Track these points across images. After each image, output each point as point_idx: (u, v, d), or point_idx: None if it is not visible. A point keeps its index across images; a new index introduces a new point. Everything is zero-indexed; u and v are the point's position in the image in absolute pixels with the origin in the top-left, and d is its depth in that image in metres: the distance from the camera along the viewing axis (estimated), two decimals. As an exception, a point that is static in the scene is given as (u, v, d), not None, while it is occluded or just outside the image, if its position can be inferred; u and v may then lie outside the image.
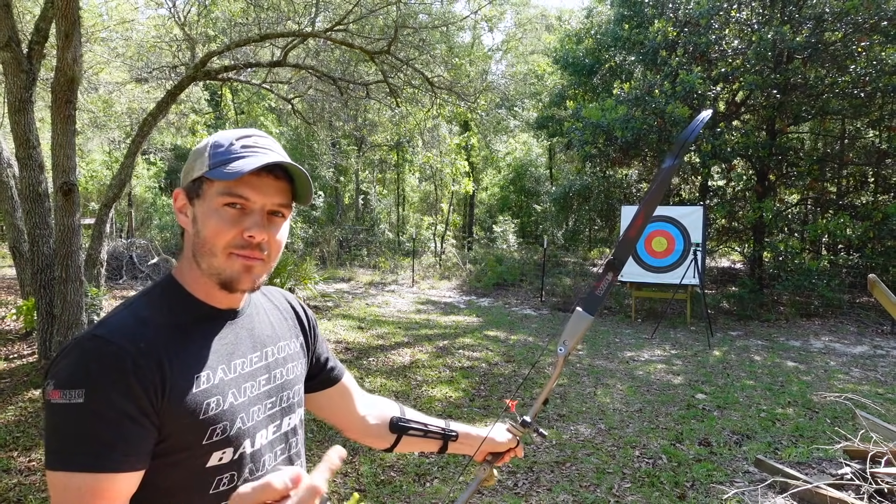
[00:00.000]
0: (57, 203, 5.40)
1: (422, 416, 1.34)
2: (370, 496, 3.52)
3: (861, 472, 3.26)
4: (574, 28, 15.53)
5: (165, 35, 9.97)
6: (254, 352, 1.01)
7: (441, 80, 9.34)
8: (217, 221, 0.92)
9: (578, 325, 1.27)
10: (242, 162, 0.91)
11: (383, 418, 1.30)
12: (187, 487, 0.89)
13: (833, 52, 9.32)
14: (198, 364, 0.91)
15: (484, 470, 1.35)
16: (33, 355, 6.13)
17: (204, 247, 0.93)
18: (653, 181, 1.30)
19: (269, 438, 1.00)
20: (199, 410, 0.88)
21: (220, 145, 0.94)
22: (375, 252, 16.81)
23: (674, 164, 1.29)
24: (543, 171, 20.74)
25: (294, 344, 1.12)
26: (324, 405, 1.24)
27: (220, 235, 0.92)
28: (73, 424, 0.80)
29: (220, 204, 0.92)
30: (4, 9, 5.37)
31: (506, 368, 6.45)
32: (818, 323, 9.18)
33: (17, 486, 3.55)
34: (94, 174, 17.64)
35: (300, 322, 1.16)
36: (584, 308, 1.28)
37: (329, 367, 1.22)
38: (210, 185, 0.92)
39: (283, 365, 1.06)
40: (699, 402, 5.41)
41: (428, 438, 1.32)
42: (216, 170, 0.91)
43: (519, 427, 1.35)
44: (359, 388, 1.31)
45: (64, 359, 0.83)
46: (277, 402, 1.03)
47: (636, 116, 9.84)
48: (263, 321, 1.06)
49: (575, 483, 3.73)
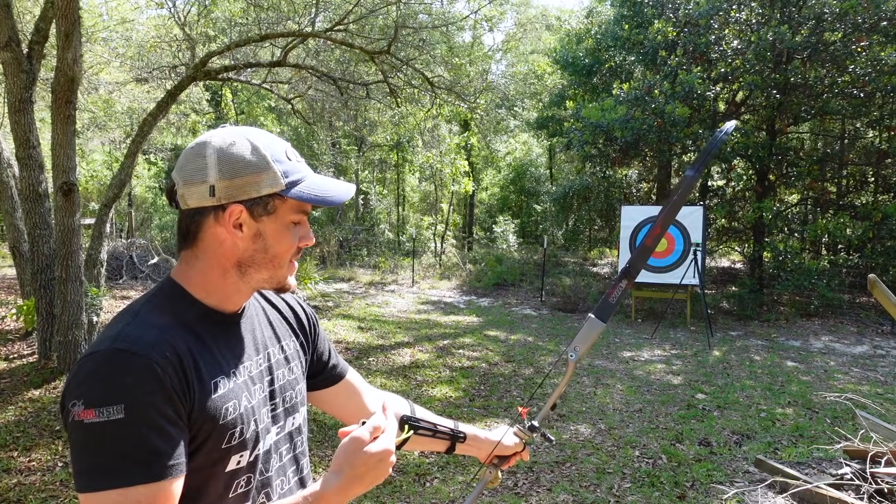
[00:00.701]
0: (57, 203, 5.41)
1: (432, 416, 1.35)
2: (370, 496, 3.52)
3: (861, 472, 3.27)
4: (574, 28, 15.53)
5: (165, 35, 9.98)
6: (257, 354, 1.01)
7: (441, 80, 9.35)
8: (290, 237, 0.95)
9: (591, 331, 1.27)
10: (317, 184, 0.95)
11: (393, 416, 1.30)
12: (209, 491, 0.90)
13: (833, 52, 9.32)
14: (213, 369, 0.91)
15: (490, 472, 1.37)
16: (33, 355, 6.13)
17: (273, 261, 0.95)
18: (674, 191, 1.31)
19: (274, 439, 1.01)
20: (220, 415, 0.89)
21: (279, 160, 0.93)
22: (375, 252, 16.81)
23: (696, 174, 1.29)
24: (543, 171, 20.73)
25: (294, 343, 1.12)
26: (330, 402, 1.25)
27: (291, 249, 0.96)
28: (117, 441, 0.79)
29: (292, 220, 0.95)
30: (4, 9, 5.38)
31: (506, 368, 6.45)
32: (818, 323, 9.18)
33: (17, 486, 3.55)
34: (95, 174, 17.64)
35: (299, 321, 1.16)
36: (597, 315, 1.28)
37: (332, 365, 1.22)
38: (283, 202, 0.93)
39: (284, 365, 1.06)
40: (699, 402, 5.41)
41: (437, 438, 1.32)
42: (296, 190, 0.92)
43: (526, 431, 1.37)
44: (367, 385, 1.31)
45: (88, 377, 0.81)
46: (281, 403, 1.03)
47: (636, 117, 9.84)
48: (263, 322, 1.06)
49: (575, 483, 3.73)
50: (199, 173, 0.90)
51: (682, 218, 9.23)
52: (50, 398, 5.02)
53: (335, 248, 16.28)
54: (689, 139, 10.39)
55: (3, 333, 7.07)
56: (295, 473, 1.06)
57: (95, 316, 6.25)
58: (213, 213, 0.91)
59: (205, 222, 0.92)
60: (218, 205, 0.90)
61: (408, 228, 18.65)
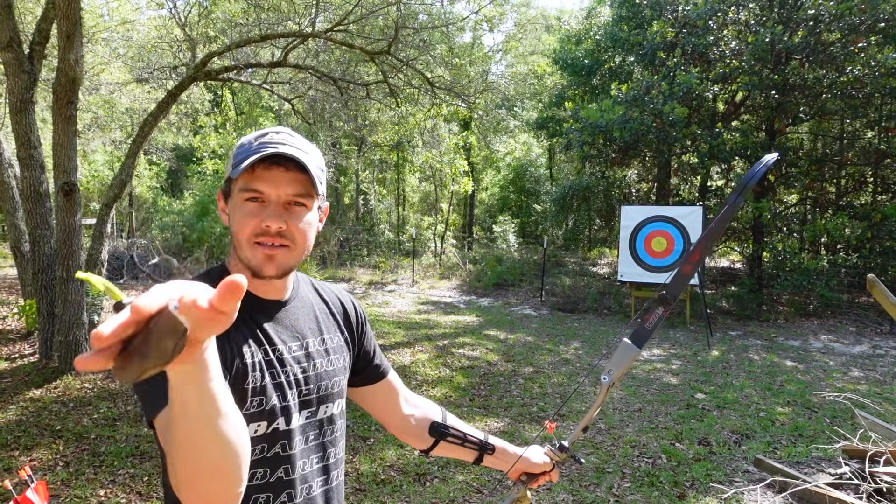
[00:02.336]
0: (58, 203, 5.42)
1: (463, 425, 1.36)
2: (370, 496, 3.53)
3: (860, 471, 3.28)
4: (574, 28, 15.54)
5: (166, 36, 9.99)
6: (293, 341, 1.08)
7: (441, 80, 9.36)
8: (241, 216, 1.00)
9: (625, 355, 1.29)
10: (253, 157, 0.98)
11: (424, 420, 1.33)
12: None
13: (831, 53, 9.34)
14: (245, 342, 1.00)
15: (518, 490, 1.36)
16: (34, 355, 6.14)
17: (235, 239, 1.02)
18: (714, 219, 1.31)
19: (301, 423, 1.06)
20: (246, 380, 0.98)
21: (242, 145, 1.02)
22: (375, 252, 16.82)
23: (737, 201, 1.29)
24: (543, 171, 20.73)
25: (339, 338, 1.18)
26: (368, 399, 1.30)
27: (244, 228, 1.00)
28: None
29: (242, 199, 1.00)
30: (6, 9, 5.39)
31: (505, 368, 6.46)
32: (817, 323, 9.20)
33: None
34: (97, 174, 17.65)
35: (347, 318, 1.22)
36: (633, 340, 1.29)
37: (375, 364, 1.27)
38: (235, 184, 1.01)
39: (324, 356, 1.12)
40: (698, 401, 5.43)
41: (465, 447, 1.34)
42: (235, 168, 0.99)
43: (556, 451, 1.37)
44: (405, 388, 1.35)
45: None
46: (315, 391, 1.09)
47: (634, 117, 9.86)
48: (308, 315, 1.13)
49: (575, 482, 3.74)
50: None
51: (682, 218, 9.25)
52: (51, 398, 5.03)
53: (335, 248, 16.29)
54: (689, 139, 10.41)
55: (4, 333, 7.08)
56: (320, 460, 1.09)
57: (96, 316, 6.26)
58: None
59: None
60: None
61: (408, 228, 18.65)
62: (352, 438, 4.37)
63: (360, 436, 4.41)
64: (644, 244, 9.42)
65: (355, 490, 3.61)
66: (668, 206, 9.75)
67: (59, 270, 5.43)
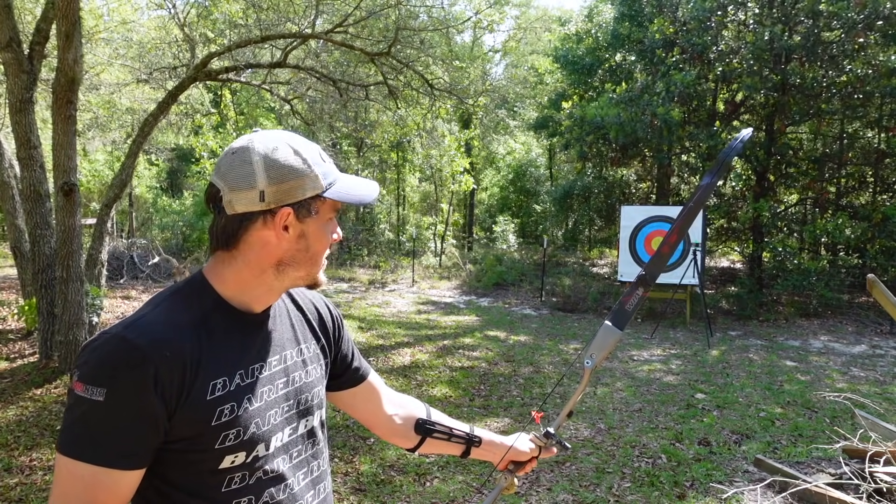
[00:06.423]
0: (58, 203, 5.42)
1: (448, 420, 1.36)
2: (370, 496, 3.53)
3: (860, 471, 3.28)
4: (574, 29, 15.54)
5: (166, 36, 9.99)
6: (273, 356, 1.03)
7: (440, 82, 9.35)
8: (327, 235, 1.01)
9: (606, 338, 1.28)
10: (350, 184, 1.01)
11: (409, 419, 1.32)
12: (201, 484, 0.94)
13: (830, 53, 9.33)
14: (217, 370, 0.94)
15: (505, 478, 1.37)
16: (34, 355, 6.14)
17: (312, 259, 1.00)
18: (689, 198, 1.31)
19: (285, 441, 1.03)
20: (212, 417, 0.92)
21: (317, 162, 0.98)
22: (376, 252, 16.82)
23: (712, 181, 1.29)
24: (543, 171, 20.73)
25: (314, 346, 1.14)
26: (349, 403, 1.28)
27: (326, 244, 1.02)
28: (90, 419, 0.86)
29: (329, 219, 1.01)
30: (5, 9, 5.39)
31: (506, 368, 6.46)
32: (817, 323, 9.20)
33: (18, 486, 3.56)
34: (97, 174, 17.65)
35: (322, 323, 1.19)
36: (613, 322, 1.29)
37: (354, 367, 1.26)
38: (323, 203, 0.98)
39: (302, 368, 1.09)
40: (698, 401, 5.43)
41: (452, 442, 1.34)
42: (334, 191, 0.98)
43: (542, 438, 1.37)
44: (387, 388, 1.34)
45: (92, 353, 0.88)
46: (295, 405, 1.05)
47: (629, 118, 9.84)
48: (285, 324, 1.09)
49: (575, 482, 3.74)
50: (247, 179, 0.92)
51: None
52: (51, 398, 5.03)
53: (335, 248, 16.29)
54: (686, 139, 10.40)
55: (4, 333, 7.08)
56: (306, 475, 1.07)
57: (96, 316, 6.26)
58: (261, 217, 0.94)
59: (252, 226, 0.94)
60: (267, 209, 0.93)
61: (408, 228, 18.65)
62: (352, 438, 4.37)
63: (360, 436, 4.41)
64: (644, 244, 9.42)
65: (355, 490, 3.60)
66: (668, 206, 9.75)
67: (59, 270, 5.42)
